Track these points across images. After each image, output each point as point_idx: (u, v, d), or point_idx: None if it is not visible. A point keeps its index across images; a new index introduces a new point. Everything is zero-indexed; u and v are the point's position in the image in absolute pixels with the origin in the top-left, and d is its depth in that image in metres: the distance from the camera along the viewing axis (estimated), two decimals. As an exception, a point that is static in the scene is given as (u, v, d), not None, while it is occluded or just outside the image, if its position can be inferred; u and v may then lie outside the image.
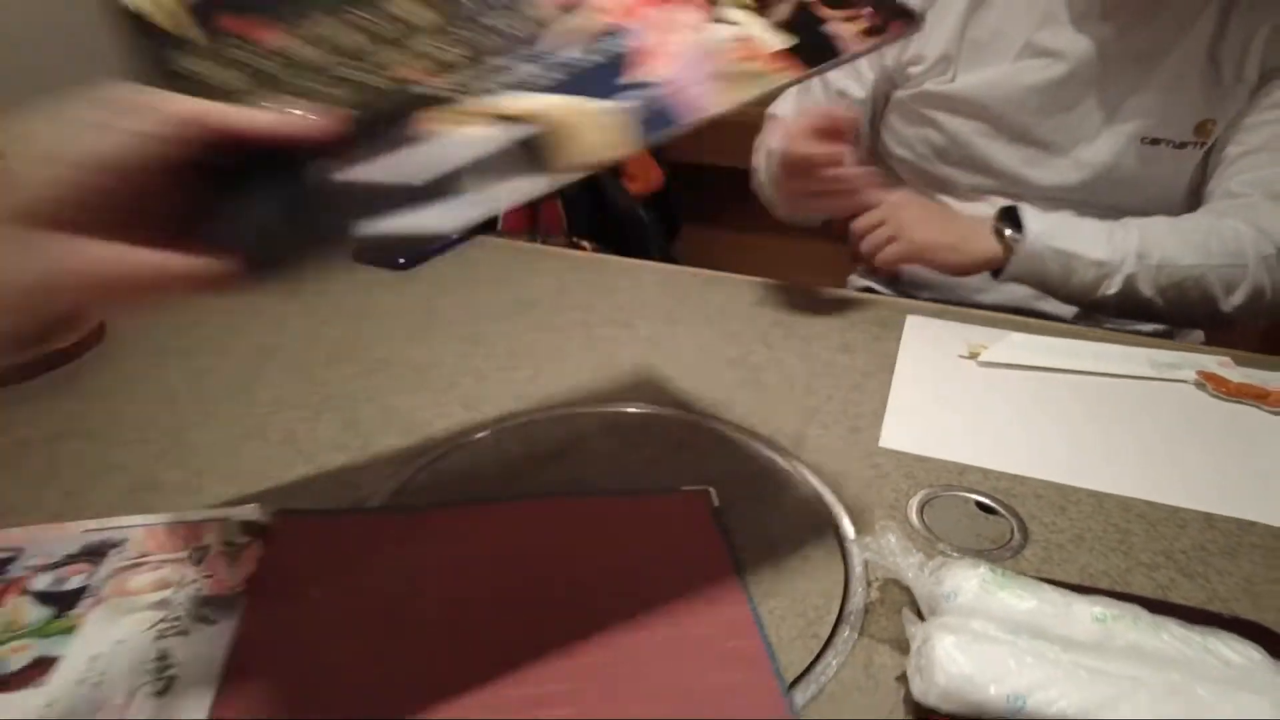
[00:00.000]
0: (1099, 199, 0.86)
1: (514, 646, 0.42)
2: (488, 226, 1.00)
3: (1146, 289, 0.78)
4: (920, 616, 0.43)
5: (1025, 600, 0.41)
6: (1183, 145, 0.83)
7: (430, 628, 0.43)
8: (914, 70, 0.91)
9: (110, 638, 0.42)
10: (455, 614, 0.44)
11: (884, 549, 0.44)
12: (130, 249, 0.31)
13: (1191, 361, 0.69)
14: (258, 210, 0.33)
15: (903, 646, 0.43)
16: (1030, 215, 0.80)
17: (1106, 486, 0.56)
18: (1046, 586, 0.42)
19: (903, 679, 0.41)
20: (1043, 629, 0.40)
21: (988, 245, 0.81)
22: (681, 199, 1.48)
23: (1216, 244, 0.78)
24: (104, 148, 0.30)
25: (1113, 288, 0.78)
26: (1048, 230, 0.79)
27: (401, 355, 0.71)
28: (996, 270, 0.81)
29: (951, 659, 0.38)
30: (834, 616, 0.45)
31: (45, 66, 0.92)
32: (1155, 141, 0.83)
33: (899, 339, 0.75)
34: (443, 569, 0.47)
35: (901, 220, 0.82)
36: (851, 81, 0.94)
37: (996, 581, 0.42)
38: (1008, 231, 0.80)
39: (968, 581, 0.42)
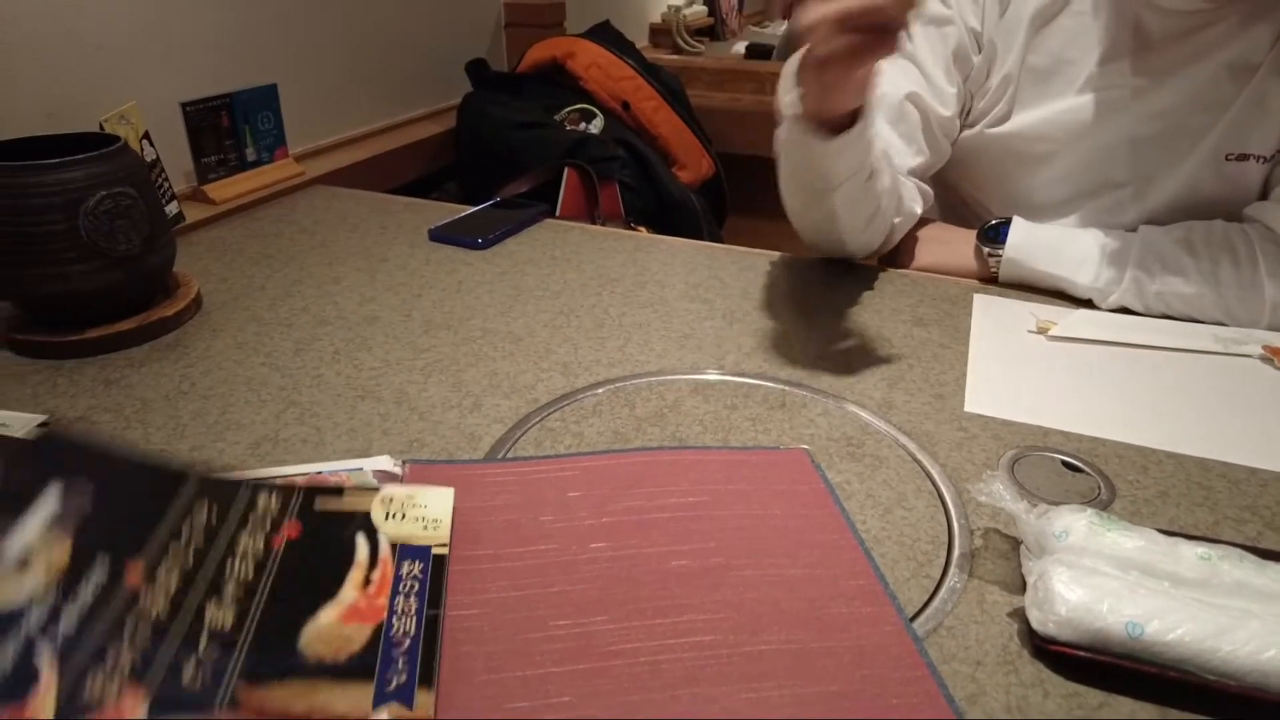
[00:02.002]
0: (1200, 216, 0.79)
1: (649, 581, 0.45)
2: (549, 211, 1.03)
3: (1144, 311, 0.76)
4: (1029, 558, 0.46)
5: (1133, 539, 0.44)
6: (1270, 158, 0.77)
7: (570, 566, 0.46)
8: (980, 103, 0.85)
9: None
10: (592, 552, 0.47)
11: (995, 493, 0.46)
12: None
13: (1257, 337, 0.72)
14: None
15: (1012, 587, 0.46)
16: (1014, 232, 0.81)
17: (1184, 449, 0.58)
18: (1150, 529, 0.45)
19: (1015, 615, 0.44)
20: (1151, 566, 0.43)
21: (977, 264, 0.85)
22: (727, 189, 1.51)
23: (1229, 270, 0.74)
24: None
25: (1105, 307, 0.78)
26: (1029, 248, 0.81)
27: (496, 326, 0.74)
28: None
29: (1070, 589, 0.41)
30: (943, 560, 0.48)
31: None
32: (1243, 158, 0.77)
33: (969, 314, 0.77)
34: (575, 510, 0.50)
35: (898, 247, 0.91)
36: (935, 102, 0.84)
37: (1104, 523, 0.45)
38: (986, 250, 0.84)
39: (1077, 522, 0.45)
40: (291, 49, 1.21)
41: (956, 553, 0.48)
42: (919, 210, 0.87)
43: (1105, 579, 0.41)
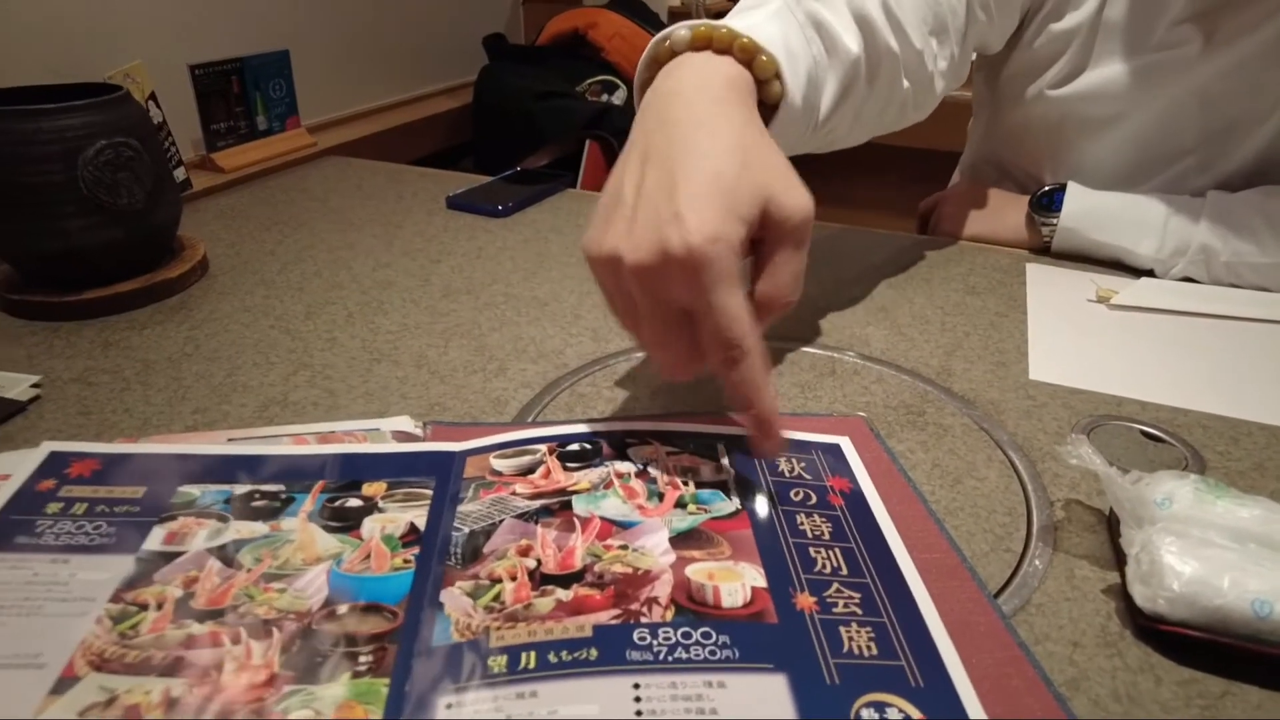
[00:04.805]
0: (1278, 179, 0.74)
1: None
2: (570, 183, 0.98)
3: (1211, 283, 0.72)
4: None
5: (1249, 508, 0.39)
6: None
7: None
8: (1034, 47, 0.76)
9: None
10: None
11: (1084, 456, 0.41)
12: None
13: (1339, 306, 0.66)
14: None
15: (1103, 562, 0.41)
16: (1070, 199, 0.76)
17: (1276, 420, 0.53)
18: (1265, 498, 0.40)
19: (1111, 592, 0.39)
20: (1271, 538, 0.38)
21: (1028, 233, 0.80)
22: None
23: None
24: None
25: (1169, 278, 0.73)
26: (1086, 217, 0.76)
27: (520, 291, 0.70)
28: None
29: (1183, 562, 0.36)
30: (1023, 533, 0.43)
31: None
32: None
33: (1023, 283, 0.72)
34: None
35: (942, 214, 0.87)
36: (994, 19, 0.70)
37: (1212, 490, 0.40)
38: (1039, 219, 0.79)
39: (1181, 488, 0.40)
40: (305, 16, 1.17)
41: (1037, 525, 0.44)
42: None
43: (1222, 551, 0.36)
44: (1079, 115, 0.77)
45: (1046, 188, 0.79)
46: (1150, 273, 0.74)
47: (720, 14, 2.06)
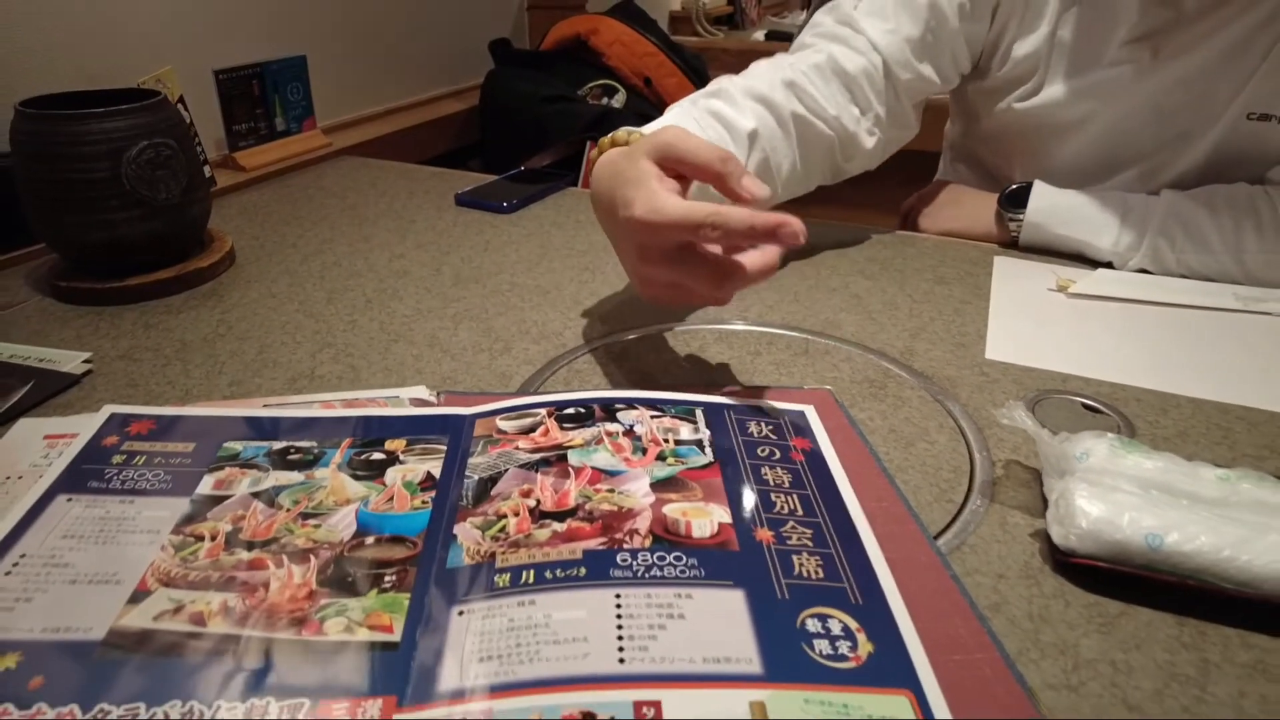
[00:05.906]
0: (1225, 179, 0.79)
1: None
2: (572, 182, 1.04)
3: (1161, 272, 0.77)
4: (1050, 482, 0.47)
5: (1154, 461, 0.45)
6: None
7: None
8: (1000, 73, 0.83)
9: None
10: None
11: (1017, 418, 0.47)
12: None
13: (1278, 295, 0.72)
14: None
15: (1034, 511, 0.47)
16: (1036, 196, 0.82)
17: (1203, 394, 0.59)
18: (1170, 454, 0.46)
19: (1037, 535, 0.45)
20: (1171, 486, 0.44)
21: (997, 228, 0.87)
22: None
23: (1252, 235, 0.74)
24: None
25: (1126, 269, 0.79)
26: (1051, 212, 0.82)
27: (524, 280, 0.76)
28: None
29: (1091, 504, 0.42)
30: (965, 486, 0.49)
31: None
32: (1265, 118, 0.75)
33: (989, 274, 0.78)
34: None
35: (919, 212, 0.94)
36: (929, 67, 0.79)
37: (1125, 446, 0.46)
38: (1007, 215, 0.85)
39: (1099, 445, 0.46)
40: (321, 23, 1.24)
41: (978, 480, 0.49)
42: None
43: (1126, 495, 0.42)
44: (1045, 124, 0.83)
45: (1014, 186, 0.85)
46: (1110, 264, 0.80)
47: (719, 20, 2.13)
